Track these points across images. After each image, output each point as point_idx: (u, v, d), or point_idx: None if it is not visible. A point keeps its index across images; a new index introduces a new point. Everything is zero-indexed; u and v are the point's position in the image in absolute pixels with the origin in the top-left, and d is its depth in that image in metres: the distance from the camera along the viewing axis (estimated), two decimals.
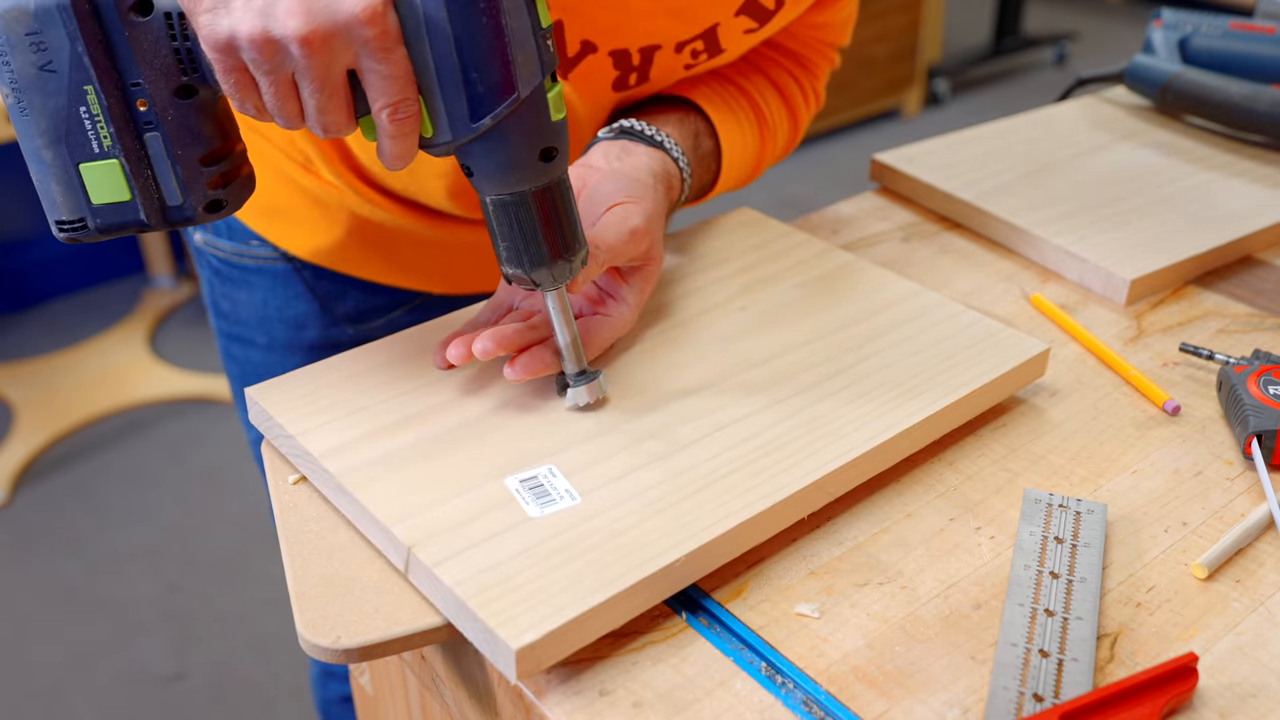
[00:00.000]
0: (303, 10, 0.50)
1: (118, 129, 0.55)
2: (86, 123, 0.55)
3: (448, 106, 0.54)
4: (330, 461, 0.58)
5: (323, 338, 0.91)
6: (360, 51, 0.52)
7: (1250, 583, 0.57)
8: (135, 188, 0.57)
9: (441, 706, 0.64)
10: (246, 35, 0.51)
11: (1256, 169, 0.97)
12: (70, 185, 0.56)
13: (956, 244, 0.89)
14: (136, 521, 1.98)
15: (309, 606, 0.53)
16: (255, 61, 0.52)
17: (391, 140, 0.55)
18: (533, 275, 0.59)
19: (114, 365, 2.35)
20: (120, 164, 0.56)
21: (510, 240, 0.58)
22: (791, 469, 0.58)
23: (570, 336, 0.62)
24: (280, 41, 0.51)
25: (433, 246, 0.87)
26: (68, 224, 0.57)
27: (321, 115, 0.54)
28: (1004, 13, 3.85)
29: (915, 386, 0.65)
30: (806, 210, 0.96)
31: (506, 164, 0.56)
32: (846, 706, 0.50)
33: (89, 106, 0.54)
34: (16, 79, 0.54)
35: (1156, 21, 1.10)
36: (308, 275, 0.88)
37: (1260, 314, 0.81)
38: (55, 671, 1.69)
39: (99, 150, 0.56)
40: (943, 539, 0.59)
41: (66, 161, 0.56)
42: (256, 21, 0.51)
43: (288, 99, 0.54)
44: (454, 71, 0.53)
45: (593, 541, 0.54)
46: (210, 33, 0.52)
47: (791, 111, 0.88)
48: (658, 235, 0.70)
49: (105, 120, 0.55)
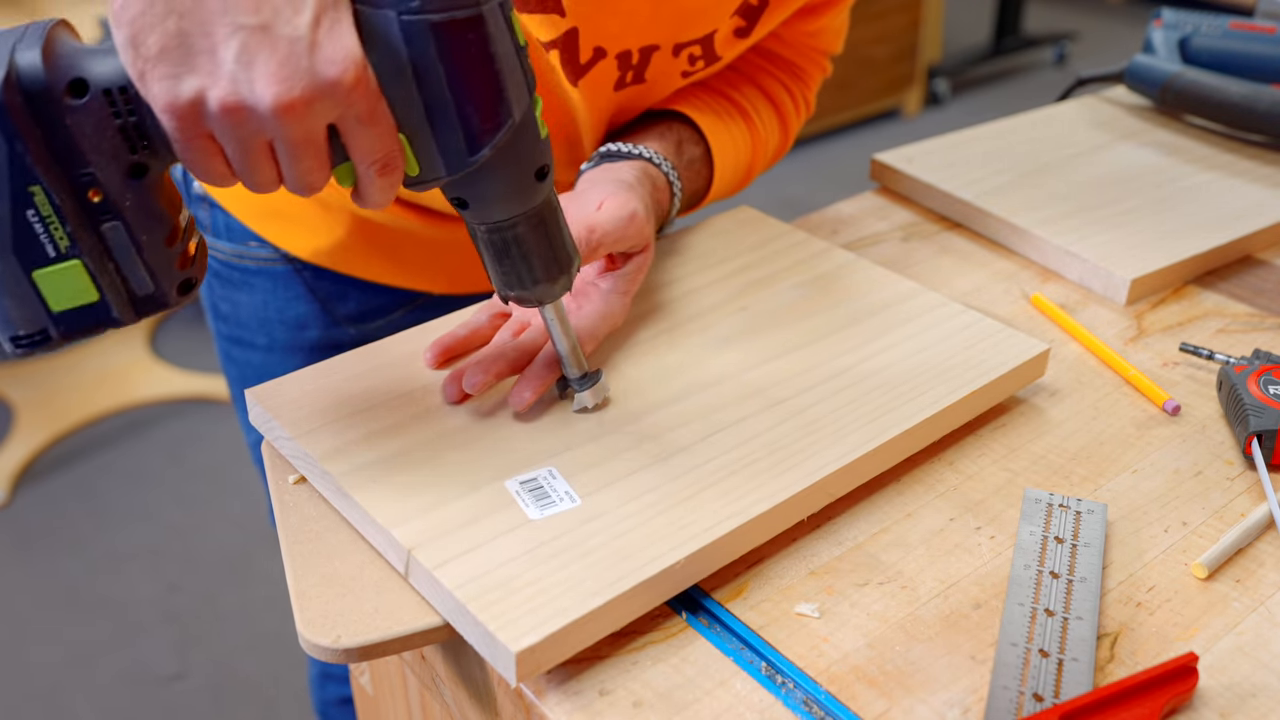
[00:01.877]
0: (280, 77, 0.46)
1: (74, 227, 0.49)
2: (36, 226, 0.48)
3: (441, 144, 0.51)
4: (330, 464, 0.58)
5: (323, 338, 0.91)
6: (344, 113, 0.48)
7: (1250, 582, 0.57)
8: (102, 286, 0.51)
9: (441, 706, 0.64)
10: (218, 102, 0.46)
11: (1256, 169, 0.97)
12: (24, 297, 0.50)
13: (956, 244, 0.89)
14: (136, 521, 1.98)
15: (309, 606, 0.53)
16: (225, 130, 0.47)
17: (376, 189, 0.52)
18: (535, 293, 0.58)
19: (114, 365, 2.35)
20: (83, 264, 0.50)
21: (509, 264, 0.57)
22: (792, 470, 0.58)
23: (570, 343, 0.62)
24: (255, 109, 0.46)
25: (434, 246, 0.87)
26: (25, 339, 0.51)
27: (304, 177, 0.50)
28: (1004, 13, 3.85)
29: (915, 387, 0.65)
30: (806, 210, 0.96)
31: (505, 191, 0.54)
32: (846, 706, 0.50)
33: (38, 209, 0.48)
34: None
35: (1156, 21, 1.10)
36: (308, 276, 0.88)
37: (1260, 314, 0.81)
38: (55, 671, 1.69)
39: (55, 254, 0.49)
40: (943, 539, 0.59)
41: (17, 272, 0.49)
42: (226, 87, 0.46)
43: (260, 164, 0.49)
44: (446, 109, 0.50)
45: (593, 544, 0.54)
46: (171, 99, 0.46)
47: (782, 118, 0.89)
48: (650, 226, 0.71)
49: (58, 220, 0.49)
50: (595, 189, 0.70)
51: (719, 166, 0.82)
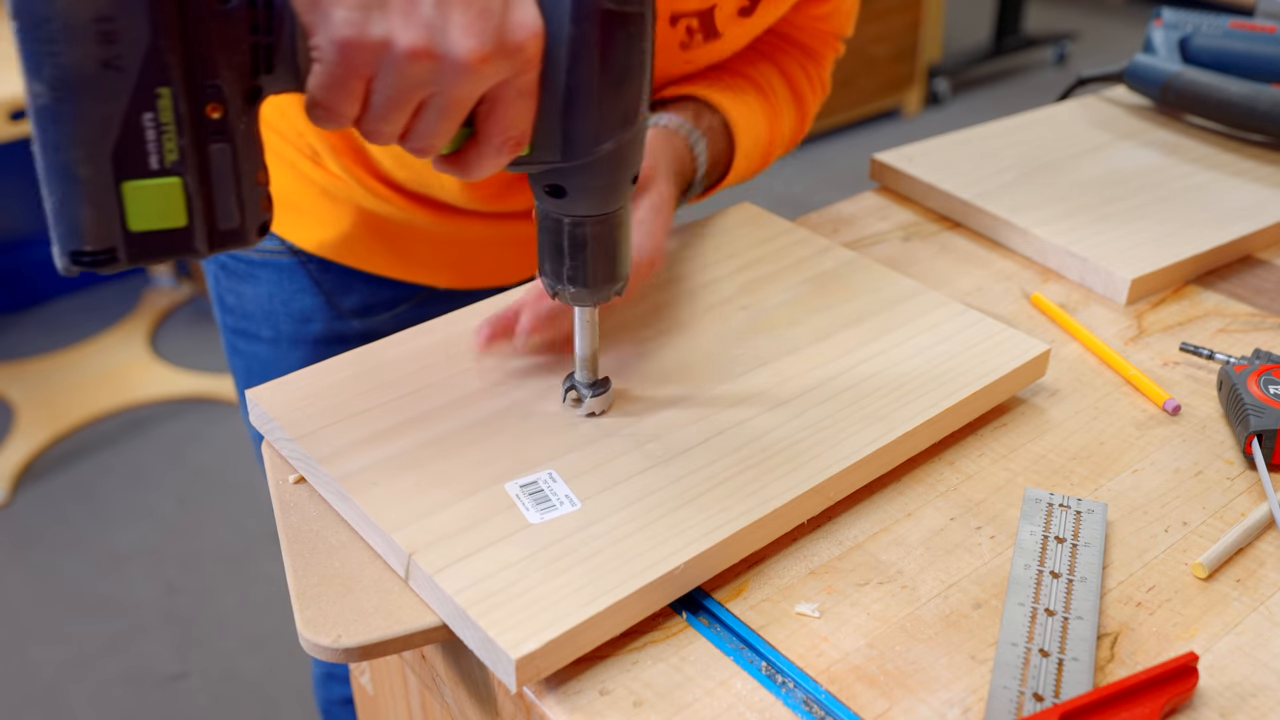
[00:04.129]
0: (475, 30, 0.45)
1: (188, 140, 0.45)
2: (150, 133, 0.44)
3: (569, 129, 0.50)
4: (331, 466, 0.58)
5: (328, 331, 0.91)
6: (510, 81, 0.47)
7: (1250, 582, 0.57)
8: (193, 210, 0.46)
9: (442, 706, 0.64)
10: (407, 46, 0.45)
11: (1256, 169, 0.97)
12: (104, 209, 0.45)
13: (956, 244, 0.89)
14: (136, 521, 1.98)
15: (309, 606, 0.53)
16: (400, 76, 0.46)
17: (490, 164, 0.51)
18: (588, 293, 0.57)
19: (114, 365, 2.35)
20: (182, 183, 0.45)
21: (579, 260, 0.56)
22: (792, 474, 0.58)
23: (592, 350, 0.61)
24: (443, 59, 0.45)
25: (440, 240, 0.87)
26: (88, 255, 0.46)
27: (436, 138, 0.49)
28: (1004, 12, 3.85)
29: (916, 389, 0.65)
30: (806, 210, 0.96)
31: (605, 187, 0.54)
32: (847, 706, 0.50)
33: (158, 113, 0.44)
34: (62, 76, 0.42)
35: (1157, 21, 1.10)
36: (313, 269, 0.88)
37: (1260, 314, 0.80)
38: (55, 671, 1.69)
39: (157, 166, 0.45)
40: (943, 538, 0.59)
41: (108, 179, 0.44)
42: (420, 34, 0.45)
43: (400, 116, 0.48)
44: (588, 95, 0.49)
45: (593, 548, 0.54)
46: (354, 35, 0.44)
47: (797, 94, 0.89)
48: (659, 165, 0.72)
49: (175, 130, 0.44)
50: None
51: (739, 133, 0.82)
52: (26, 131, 1.71)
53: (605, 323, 0.70)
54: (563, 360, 0.67)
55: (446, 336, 0.69)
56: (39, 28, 0.41)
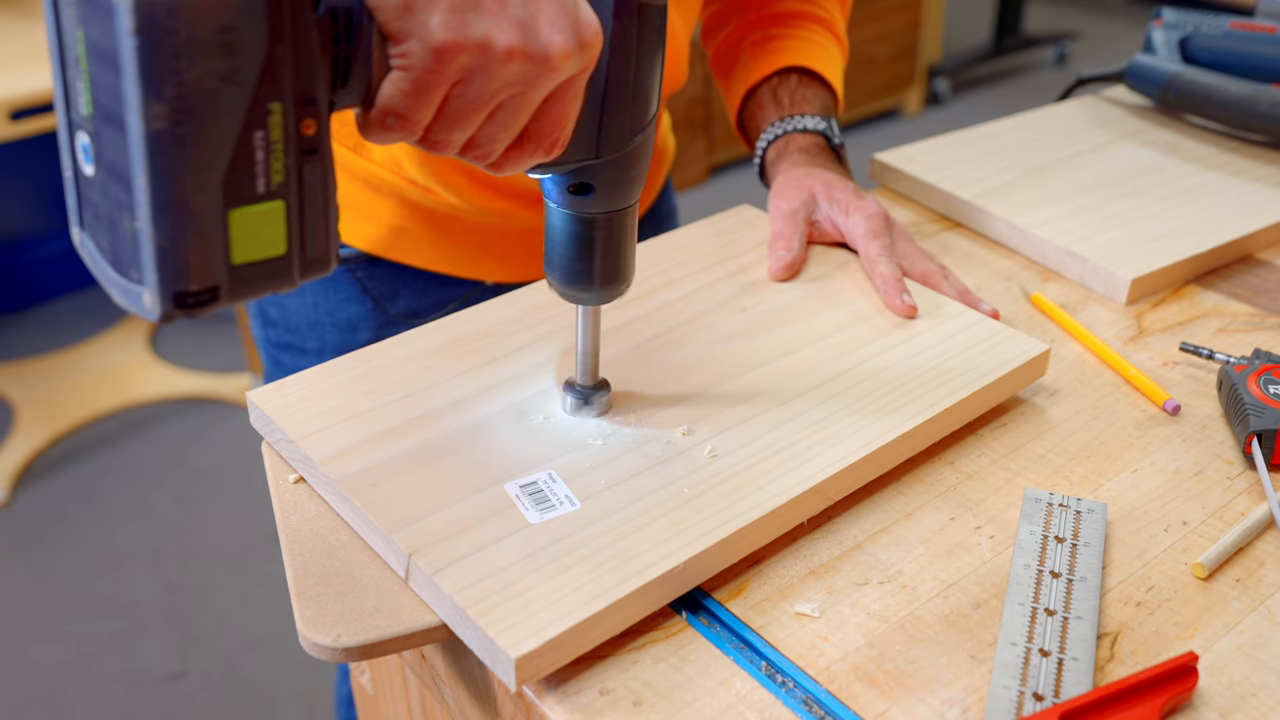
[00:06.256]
0: (560, 26, 0.44)
1: (293, 160, 0.41)
2: (259, 152, 0.40)
3: (607, 125, 0.50)
4: (331, 467, 0.58)
5: (376, 339, 0.89)
6: (574, 78, 0.47)
7: (1250, 582, 0.57)
8: (292, 236, 0.43)
9: (442, 705, 0.64)
10: (505, 46, 0.44)
11: (1256, 169, 0.97)
12: (212, 241, 0.40)
13: (956, 243, 0.89)
14: (136, 521, 1.98)
15: (309, 605, 0.53)
16: (491, 76, 0.44)
17: (527, 163, 0.49)
18: (605, 289, 0.57)
19: (114, 365, 2.35)
20: (284, 207, 0.42)
21: (611, 257, 0.55)
22: (791, 473, 0.58)
23: (592, 347, 0.61)
24: (535, 57, 0.44)
25: (490, 230, 0.86)
26: (193, 296, 0.41)
27: (494, 145, 0.47)
28: (1004, 12, 3.85)
29: (916, 388, 0.65)
30: None
31: (633, 180, 0.53)
32: (846, 705, 0.50)
33: (268, 130, 0.40)
34: (186, 94, 0.38)
35: (1157, 21, 1.10)
36: (361, 275, 0.87)
37: (1260, 313, 0.81)
38: (55, 671, 1.69)
39: (264, 190, 0.41)
40: (943, 538, 0.59)
41: (218, 207, 0.40)
42: (514, 33, 0.44)
43: (474, 121, 0.46)
44: (625, 89, 0.49)
45: (593, 548, 0.54)
46: (456, 37, 0.43)
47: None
48: (849, 185, 0.81)
49: (283, 149, 0.41)
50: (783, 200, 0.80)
51: (834, 80, 0.90)
52: (26, 131, 1.71)
53: (605, 323, 0.70)
54: (563, 361, 0.67)
55: (448, 338, 0.69)
56: (163, 41, 0.37)
